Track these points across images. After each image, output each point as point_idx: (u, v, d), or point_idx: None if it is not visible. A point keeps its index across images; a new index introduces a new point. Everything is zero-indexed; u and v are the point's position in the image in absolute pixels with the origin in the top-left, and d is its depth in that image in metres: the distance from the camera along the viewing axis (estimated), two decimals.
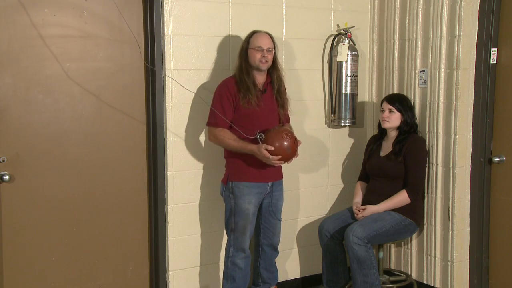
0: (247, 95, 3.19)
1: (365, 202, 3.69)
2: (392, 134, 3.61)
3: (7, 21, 3.03)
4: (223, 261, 3.58)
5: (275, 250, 3.52)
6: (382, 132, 3.71)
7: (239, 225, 3.29)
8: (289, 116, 3.53)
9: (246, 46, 3.25)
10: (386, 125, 3.59)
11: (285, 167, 3.80)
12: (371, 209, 3.51)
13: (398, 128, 3.58)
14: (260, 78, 3.29)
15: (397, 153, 3.52)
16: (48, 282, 3.27)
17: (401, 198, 3.49)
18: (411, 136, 3.54)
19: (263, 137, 3.17)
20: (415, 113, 3.68)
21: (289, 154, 3.20)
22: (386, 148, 3.62)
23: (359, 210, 3.55)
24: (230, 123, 3.24)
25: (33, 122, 3.14)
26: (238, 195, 3.26)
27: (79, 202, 3.31)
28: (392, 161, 3.52)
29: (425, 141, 3.62)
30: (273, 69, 3.32)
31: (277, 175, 3.42)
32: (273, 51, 3.27)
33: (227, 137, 3.21)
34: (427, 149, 3.62)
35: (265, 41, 3.23)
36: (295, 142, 3.21)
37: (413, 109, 3.66)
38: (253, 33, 3.28)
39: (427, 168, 3.65)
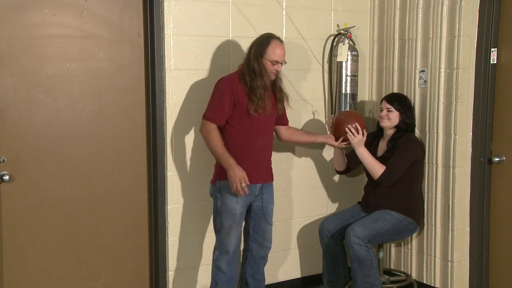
0: (259, 102, 3.09)
1: (364, 203, 3.70)
2: (389, 133, 3.61)
3: (7, 21, 3.03)
4: None
5: (264, 257, 3.39)
6: (380, 131, 3.71)
7: (224, 225, 3.18)
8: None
9: (262, 52, 3.10)
10: (384, 123, 3.59)
11: (284, 167, 3.81)
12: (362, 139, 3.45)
13: (396, 127, 3.58)
14: None
15: (389, 150, 3.52)
16: (48, 282, 3.27)
17: (378, 168, 3.44)
18: (406, 134, 3.54)
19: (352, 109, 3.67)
20: (415, 114, 3.68)
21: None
22: (382, 148, 3.62)
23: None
24: (226, 122, 3.14)
25: (33, 122, 3.14)
26: (225, 194, 3.16)
27: (79, 202, 3.31)
28: (388, 160, 3.51)
29: (419, 142, 3.61)
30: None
31: (267, 177, 3.32)
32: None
33: (216, 138, 3.10)
34: (422, 150, 3.61)
35: (282, 54, 3.14)
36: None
37: (412, 109, 3.66)
38: (270, 39, 3.13)
39: (426, 168, 3.65)
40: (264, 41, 3.12)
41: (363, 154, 3.47)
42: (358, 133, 3.43)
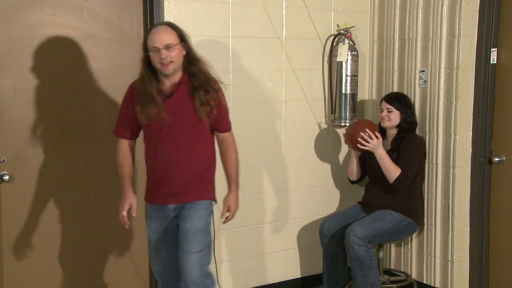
0: (144, 108, 2.64)
1: (365, 203, 3.70)
2: (392, 133, 3.61)
3: (7, 21, 3.03)
4: (222, 261, 3.60)
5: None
6: (381, 131, 3.71)
7: (149, 253, 2.95)
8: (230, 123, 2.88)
9: (145, 46, 2.65)
10: (385, 124, 3.60)
11: (284, 166, 3.81)
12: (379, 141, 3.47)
13: (398, 126, 3.59)
14: (170, 80, 2.68)
15: (394, 150, 3.52)
16: (48, 282, 3.27)
17: (394, 170, 3.43)
18: (409, 134, 3.55)
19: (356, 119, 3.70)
20: (415, 112, 3.68)
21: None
22: (385, 147, 3.62)
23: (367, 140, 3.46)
24: (135, 135, 2.86)
25: (33, 122, 3.14)
26: (147, 217, 2.89)
27: (79, 202, 3.31)
28: (392, 160, 3.50)
29: (423, 141, 3.61)
30: (189, 63, 2.69)
31: (185, 196, 2.73)
32: (177, 46, 2.60)
33: (119, 156, 2.82)
34: (425, 150, 3.61)
35: (161, 38, 2.56)
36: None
37: (412, 107, 3.67)
38: (150, 30, 2.65)
39: (426, 168, 3.65)
40: (146, 35, 2.68)
41: (382, 155, 3.47)
42: (371, 138, 3.44)
